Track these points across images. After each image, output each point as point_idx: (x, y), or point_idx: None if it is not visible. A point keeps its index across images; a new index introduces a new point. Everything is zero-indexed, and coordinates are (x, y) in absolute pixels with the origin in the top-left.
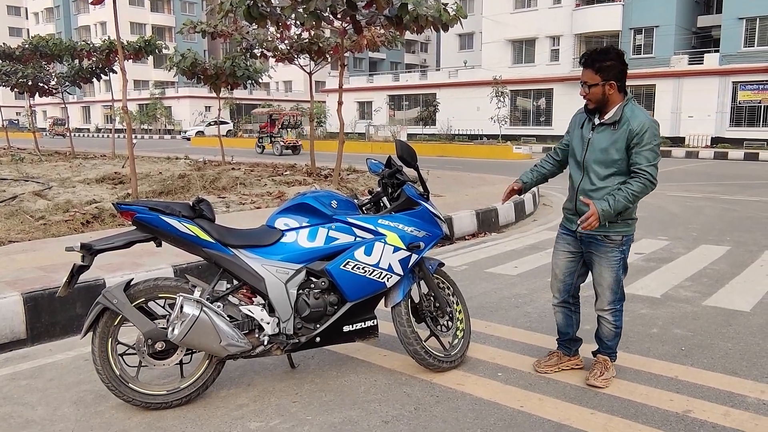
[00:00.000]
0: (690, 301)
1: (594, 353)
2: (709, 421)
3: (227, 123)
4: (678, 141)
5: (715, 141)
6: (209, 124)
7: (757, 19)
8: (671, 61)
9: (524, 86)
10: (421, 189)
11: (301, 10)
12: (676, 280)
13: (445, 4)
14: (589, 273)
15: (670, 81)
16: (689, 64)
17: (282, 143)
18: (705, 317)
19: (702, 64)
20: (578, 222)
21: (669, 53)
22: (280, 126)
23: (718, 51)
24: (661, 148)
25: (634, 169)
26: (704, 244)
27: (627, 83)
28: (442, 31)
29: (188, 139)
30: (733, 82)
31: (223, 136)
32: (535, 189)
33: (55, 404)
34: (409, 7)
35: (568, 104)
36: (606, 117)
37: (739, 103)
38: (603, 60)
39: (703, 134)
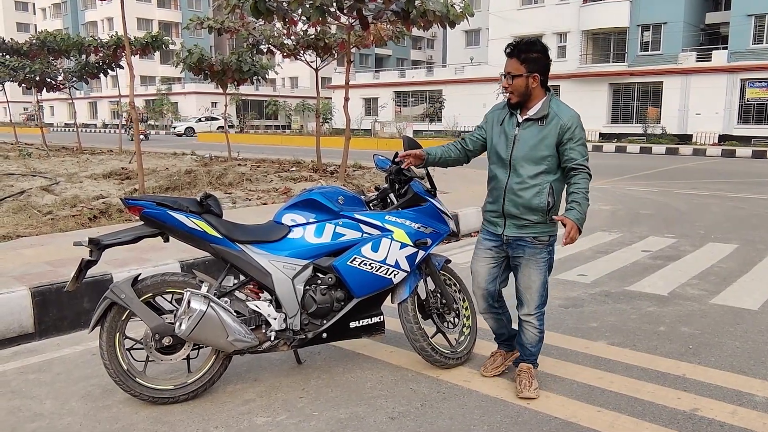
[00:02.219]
0: (697, 299)
1: (515, 363)
2: (716, 419)
3: (218, 119)
4: (685, 138)
5: (723, 139)
6: (199, 120)
7: (766, 16)
8: (679, 58)
9: None
10: (428, 185)
11: (308, 5)
12: (684, 278)
13: (452, 3)
14: (509, 278)
15: (678, 78)
16: (697, 61)
17: (137, 131)
18: (713, 315)
19: (710, 61)
20: (563, 243)
21: (677, 50)
22: (128, 120)
23: (726, 48)
24: (669, 146)
25: (573, 165)
26: (711, 242)
27: (634, 80)
28: (448, 28)
29: (179, 135)
30: (741, 79)
31: (213, 131)
32: None
33: (63, 398)
34: (416, 2)
35: (575, 101)
36: (531, 112)
37: (747, 101)
38: (529, 51)
39: (711, 132)
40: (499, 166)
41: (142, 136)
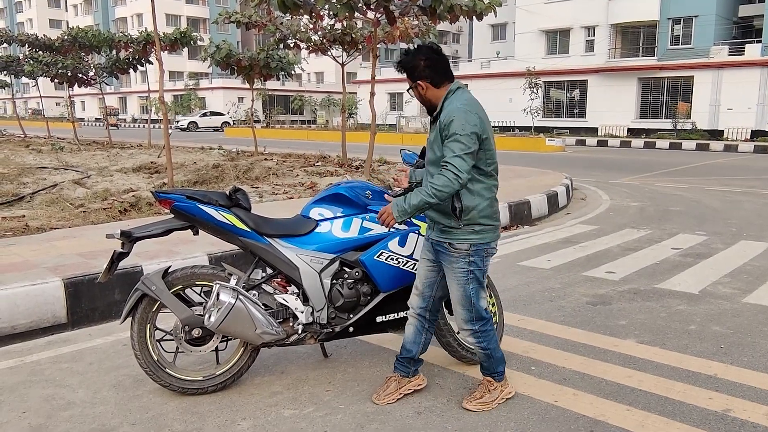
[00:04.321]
0: (729, 297)
1: (481, 371)
2: (750, 420)
3: (223, 114)
4: (716, 134)
5: (756, 134)
6: (204, 114)
7: None
8: (711, 51)
9: (558, 77)
10: None
11: (334, 0)
12: (715, 276)
13: None
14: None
15: (709, 72)
16: (729, 55)
17: (108, 122)
18: (745, 315)
19: (743, 54)
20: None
21: (708, 44)
22: (106, 114)
23: (760, 41)
24: (699, 141)
25: (441, 162)
26: (744, 239)
27: (664, 75)
28: (475, 21)
29: (182, 129)
30: None
31: (217, 128)
32: (568, 182)
33: (95, 387)
34: None
35: (602, 96)
36: (434, 114)
37: None
38: (405, 63)
39: (743, 127)
40: None
41: (113, 127)
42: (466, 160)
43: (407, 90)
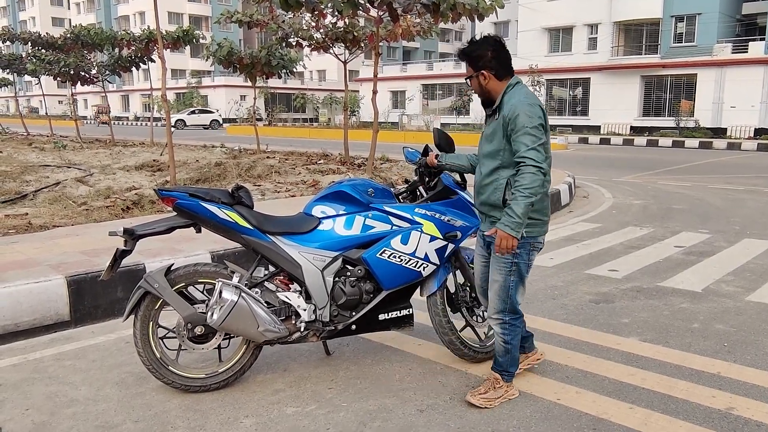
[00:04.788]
0: (732, 296)
1: (492, 368)
2: (753, 419)
3: (212, 112)
4: (719, 132)
5: (759, 132)
6: (192, 112)
7: None
8: (714, 49)
9: (560, 75)
10: (458, 178)
11: None
12: (718, 275)
13: None
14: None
15: (713, 70)
16: (733, 52)
17: (99, 120)
18: (748, 313)
19: (746, 52)
20: (494, 251)
21: (712, 41)
22: (97, 112)
23: (763, 39)
24: (702, 139)
25: (516, 159)
26: (747, 237)
27: (667, 72)
28: (477, 20)
29: (173, 127)
30: None
31: (206, 126)
32: (570, 180)
33: (97, 385)
34: None
35: (605, 94)
36: (494, 108)
37: None
38: (471, 51)
39: (746, 125)
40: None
41: (104, 124)
42: (540, 150)
43: (465, 79)
